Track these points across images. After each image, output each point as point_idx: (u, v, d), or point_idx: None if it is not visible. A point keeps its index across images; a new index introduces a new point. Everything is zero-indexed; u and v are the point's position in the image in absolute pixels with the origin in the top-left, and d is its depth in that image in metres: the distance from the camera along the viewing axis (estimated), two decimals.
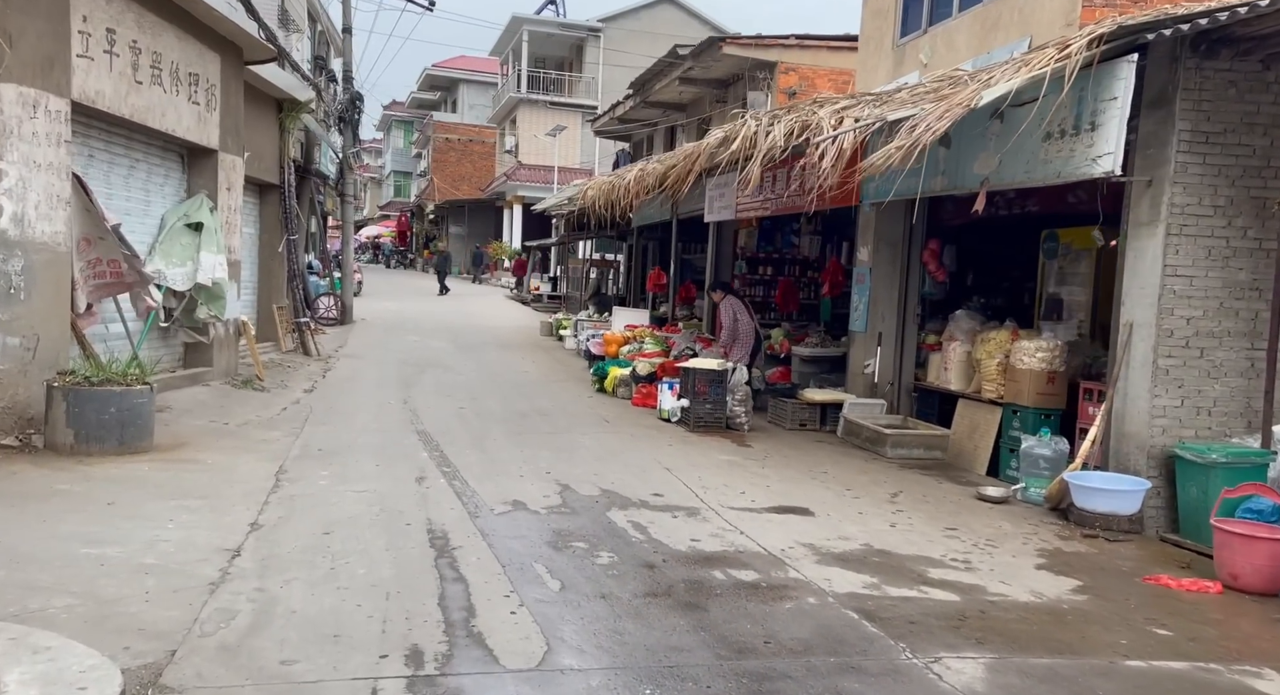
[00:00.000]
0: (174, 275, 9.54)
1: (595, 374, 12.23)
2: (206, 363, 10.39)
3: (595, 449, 8.35)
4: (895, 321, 9.85)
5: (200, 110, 9.79)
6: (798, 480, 7.39)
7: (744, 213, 12.91)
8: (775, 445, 8.90)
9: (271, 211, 14.32)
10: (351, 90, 20.57)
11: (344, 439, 8.25)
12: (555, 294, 31.83)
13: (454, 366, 14.24)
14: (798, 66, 21.38)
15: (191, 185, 10.29)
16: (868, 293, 9.84)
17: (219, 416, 8.82)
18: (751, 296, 14.72)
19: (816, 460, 8.25)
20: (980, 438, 8.36)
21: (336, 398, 10.67)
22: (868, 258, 9.89)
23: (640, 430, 9.44)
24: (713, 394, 9.47)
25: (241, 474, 6.66)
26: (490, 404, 10.80)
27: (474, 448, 8.18)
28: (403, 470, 7.12)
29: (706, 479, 7.28)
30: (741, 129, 7.85)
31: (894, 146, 6.75)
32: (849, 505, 6.63)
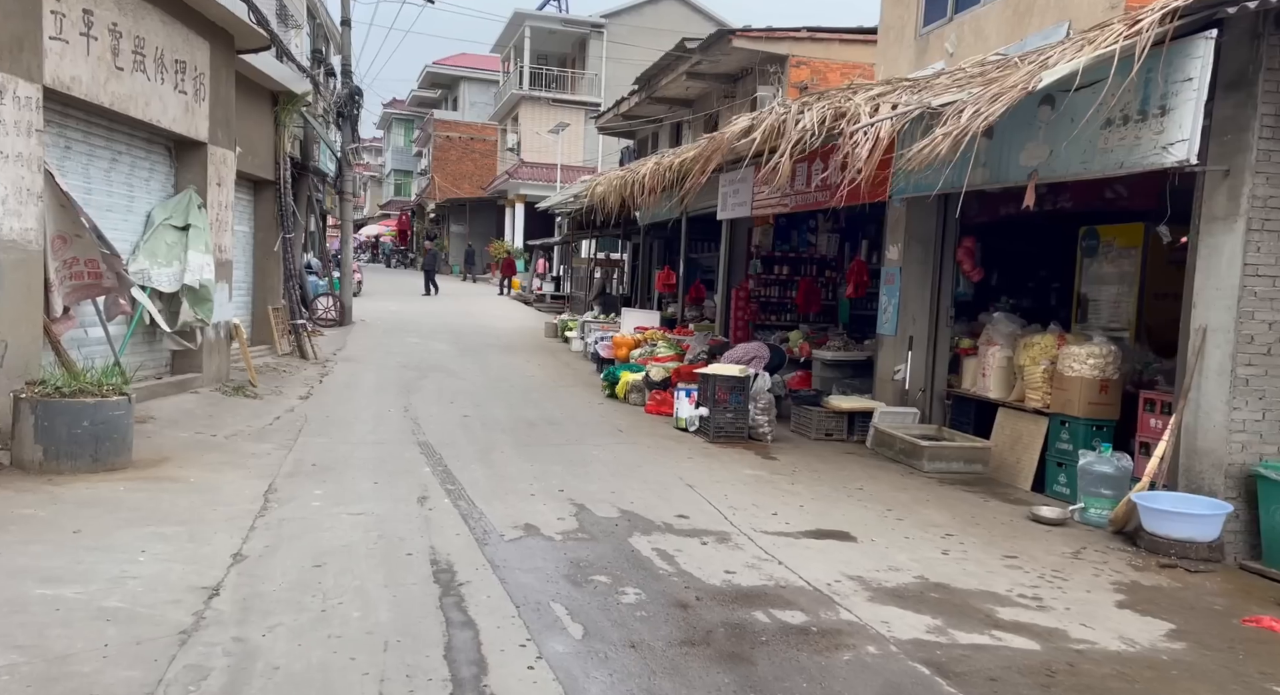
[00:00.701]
0: (159, 276, 8.96)
1: (606, 379, 11.64)
2: (195, 368, 9.81)
3: (610, 462, 7.76)
4: (927, 324, 9.26)
5: (188, 100, 9.20)
6: (832, 498, 6.80)
7: (761, 210, 12.33)
8: (802, 458, 8.31)
9: (267, 209, 13.75)
10: (350, 84, 19.97)
11: (340, 452, 7.66)
12: (558, 294, 31.25)
13: (457, 370, 13.65)
14: (809, 60, 20.84)
15: (179, 180, 9.71)
16: (898, 294, 9.25)
17: (206, 427, 8.23)
18: (767, 297, 14.16)
19: (849, 475, 7.66)
20: (1024, 450, 7.77)
21: (334, 405, 10.09)
22: (898, 256, 9.29)
23: (657, 441, 8.85)
24: (733, 402, 8.89)
25: (226, 494, 6.07)
26: (496, 411, 10.21)
27: (480, 461, 7.60)
28: (403, 488, 6.53)
29: (734, 497, 6.69)
30: (768, 117, 7.25)
31: (940, 134, 6.17)
32: (893, 528, 6.04)
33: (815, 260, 14.20)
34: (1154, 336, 8.67)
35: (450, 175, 49.98)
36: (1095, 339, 7.40)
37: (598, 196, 12.18)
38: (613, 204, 11.75)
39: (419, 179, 58.67)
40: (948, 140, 6.12)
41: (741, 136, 7.42)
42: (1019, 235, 11.50)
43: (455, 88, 55.78)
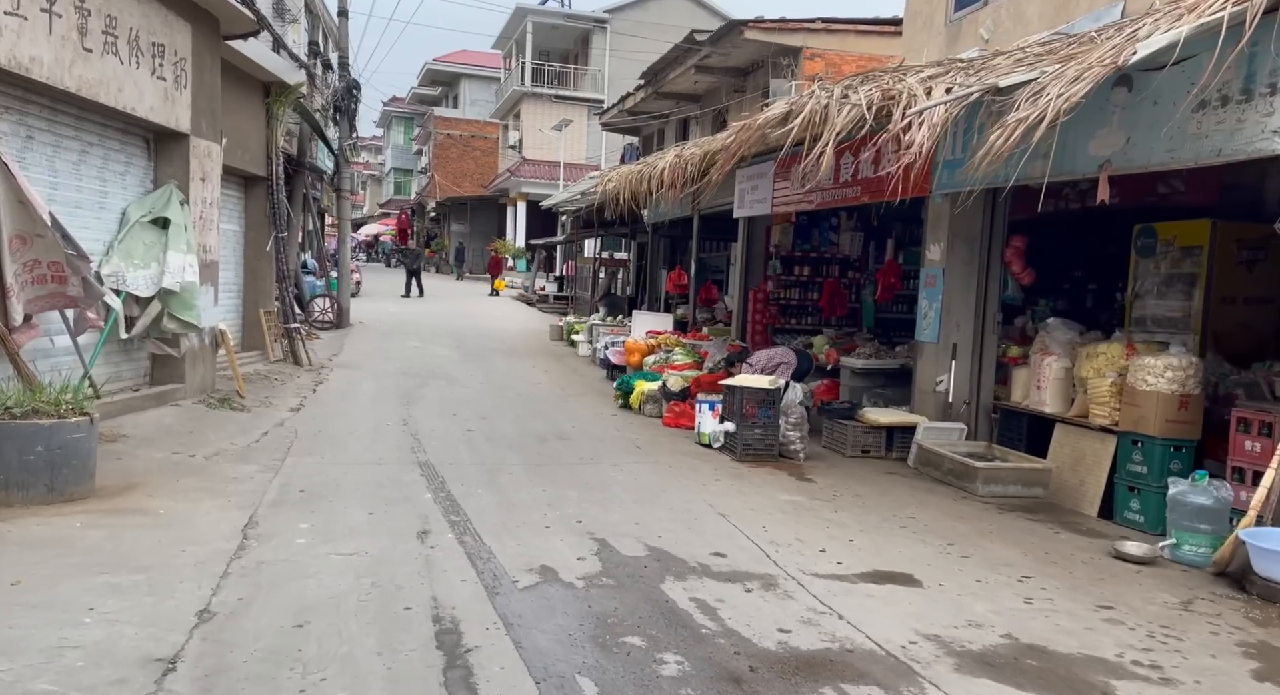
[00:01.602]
0: (135, 279, 8.20)
1: (619, 388, 10.89)
2: (177, 379, 9.06)
3: (631, 486, 7.01)
4: (972, 331, 8.50)
5: (167, 87, 8.44)
6: (884, 530, 6.04)
7: (782, 207, 11.60)
8: (841, 479, 7.56)
9: (258, 207, 13.00)
10: (348, 78, 19.22)
11: (332, 475, 6.91)
12: (562, 294, 30.51)
13: (459, 377, 12.90)
14: (824, 52, 20.11)
15: (159, 175, 8.95)
16: (940, 297, 8.50)
17: (185, 445, 7.48)
18: (787, 300, 13.42)
19: (896, 500, 6.91)
20: (1088, 472, 7.02)
21: (327, 418, 9.33)
22: (940, 257, 8.54)
23: (678, 459, 8.10)
24: (762, 416, 8.13)
25: (199, 530, 5.31)
26: (502, 424, 9.46)
27: (487, 485, 6.85)
28: (402, 521, 5.78)
29: (773, 530, 5.93)
30: (809, 101, 6.49)
31: (1013, 120, 5.41)
32: (960, 569, 5.29)
33: (838, 261, 13.45)
34: (1221, 345, 7.93)
35: (451, 174, 49.23)
36: (1173, 349, 6.65)
37: (610, 193, 11.41)
38: (626, 200, 10.99)
39: (419, 177, 57.95)
40: (1021, 127, 5.37)
41: (777, 125, 6.65)
42: (1053, 234, 10.77)
43: (456, 85, 55.05)
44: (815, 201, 10.52)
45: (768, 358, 9.41)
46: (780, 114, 6.65)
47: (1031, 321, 11.15)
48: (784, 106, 6.72)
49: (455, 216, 48.35)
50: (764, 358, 9.40)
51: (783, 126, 6.55)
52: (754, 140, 7.05)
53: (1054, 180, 6.90)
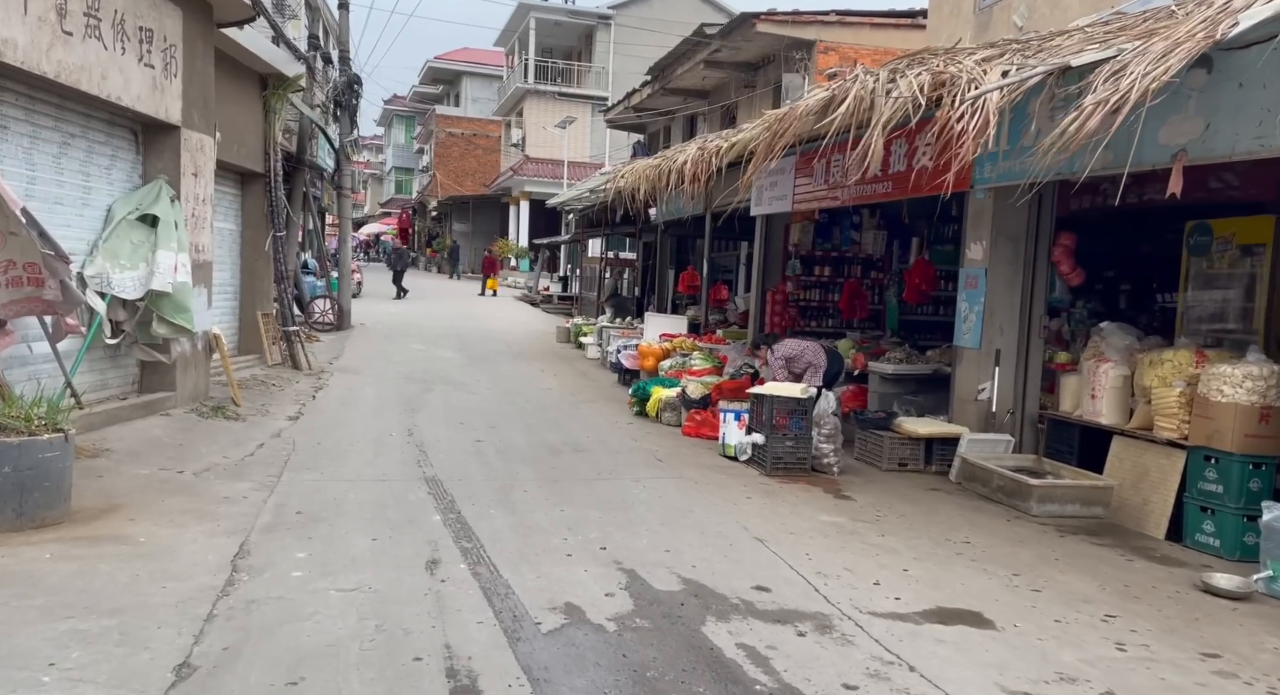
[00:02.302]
0: (122, 281, 7.65)
1: (635, 395, 10.33)
2: (168, 386, 8.51)
3: (656, 504, 6.46)
4: (1017, 335, 7.95)
5: (155, 75, 7.90)
6: (939, 558, 5.49)
7: (804, 204, 11.03)
8: (881, 497, 7.00)
9: (255, 204, 12.45)
10: (349, 72, 18.67)
11: (331, 493, 6.36)
12: (566, 294, 29.97)
13: (465, 383, 12.35)
14: (838, 45, 19.58)
15: (148, 169, 8.41)
16: (982, 299, 7.94)
17: (174, 461, 6.93)
18: (807, 301, 12.86)
19: (946, 522, 6.35)
20: (1152, 490, 6.46)
21: (327, 428, 8.79)
22: (982, 256, 7.98)
23: (704, 474, 7.55)
24: (794, 428, 7.58)
25: (184, 562, 4.77)
26: (513, 434, 8.91)
27: (500, 504, 6.30)
28: (409, 547, 5.23)
29: (818, 557, 5.38)
30: (853, 87, 5.93)
31: (1089, 105, 4.86)
32: (1033, 605, 4.73)
33: (860, 260, 12.89)
34: None
35: (453, 172, 48.68)
36: (1251, 356, 6.09)
37: (625, 189, 10.85)
38: (642, 197, 10.43)
39: (420, 176, 57.43)
40: (1099, 111, 4.82)
41: (819, 112, 6.09)
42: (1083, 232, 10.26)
43: (457, 83, 54.51)
44: (841, 198, 9.96)
45: (797, 350, 8.65)
46: (821, 101, 6.09)
47: (1068, 324, 10.60)
48: (825, 92, 6.16)
49: (457, 215, 47.82)
50: (792, 349, 8.66)
51: (824, 115, 5.98)
52: (794, 130, 6.47)
53: (1110, 171, 6.33)
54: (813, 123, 6.30)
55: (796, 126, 6.44)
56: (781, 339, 8.92)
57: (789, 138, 6.63)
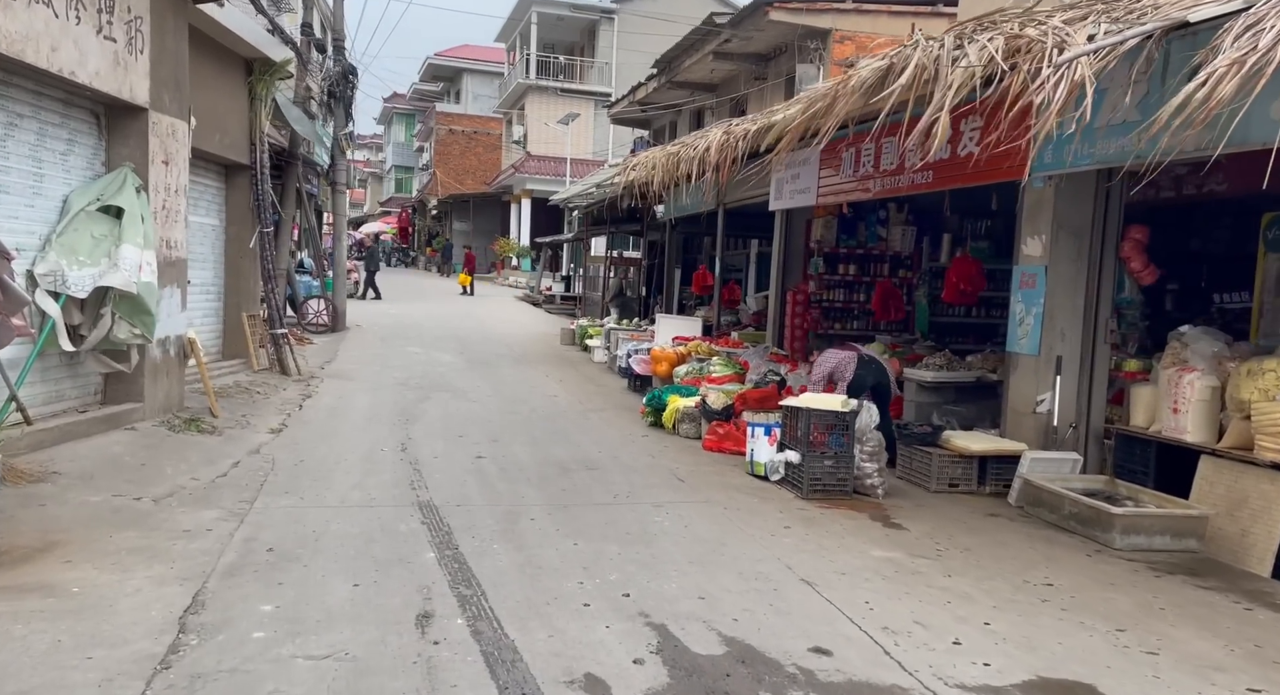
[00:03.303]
0: (80, 279, 6.82)
1: (650, 404, 9.49)
2: (134, 396, 7.69)
3: (682, 537, 5.62)
4: (1080, 340, 7.12)
5: (117, 50, 7.07)
6: (1023, 606, 4.65)
7: (829, 198, 10.19)
8: (937, 524, 6.16)
9: (240, 198, 11.64)
10: (343, 62, 17.84)
11: (311, 524, 5.53)
12: (569, 294, 29.17)
13: (465, 389, 11.53)
14: (855, 34, 18.77)
15: (111, 156, 7.58)
16: (1041, 300, 7.11)
17: (133, 484, 6.10)
18: (830, 301, 12.03)
19: (1017, 556, 5.51)
20: (1253, 519, 5.62)
21: (312, 443, 7.96)
22: (1042, 252, 7.14)
23: (732, 497, 6.71)
24: (833, 445, 6.74)
25: (120, 621, 3.93)
26: (517, 449, 8.08)
27: (504, 537, 5.47)
28: (397, 596, 4.40)
29: (880, 606, 4.55)
30: (914, 55, 5.10)
31: (1222, 64, 4.03)
32: (1155, 675, 3.90)
33: (887, 258, 12.05)
34: None
35: (453, 170, 47.86)
36: None
37: (641, 179, 10.01)
38: (657, 188, 9.60)
39: (420, 175, 56.65)
40: (1232, 76, 3.99)
41: (873, 87, 5.25)
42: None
43: (458, 80, 53.72)
44: (872, 190, 9.13)
45: (834, 363, 7.73)
46: (878, 72, 5.25)
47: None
48: (880, 62, 5.31)
49: (458, 214, 47.01)
50: (831, 364, 7.74)
51: (880, 89, 5.14)
52: (843, 108, 5.62)
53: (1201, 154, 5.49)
54: (864, 100, 5.45)
55: (847, 104, 5.60)
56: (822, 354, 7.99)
57: (836, 118, 5.79)
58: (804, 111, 6.10)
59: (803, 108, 6.20)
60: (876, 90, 5.30)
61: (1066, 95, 4.89)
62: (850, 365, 7.70)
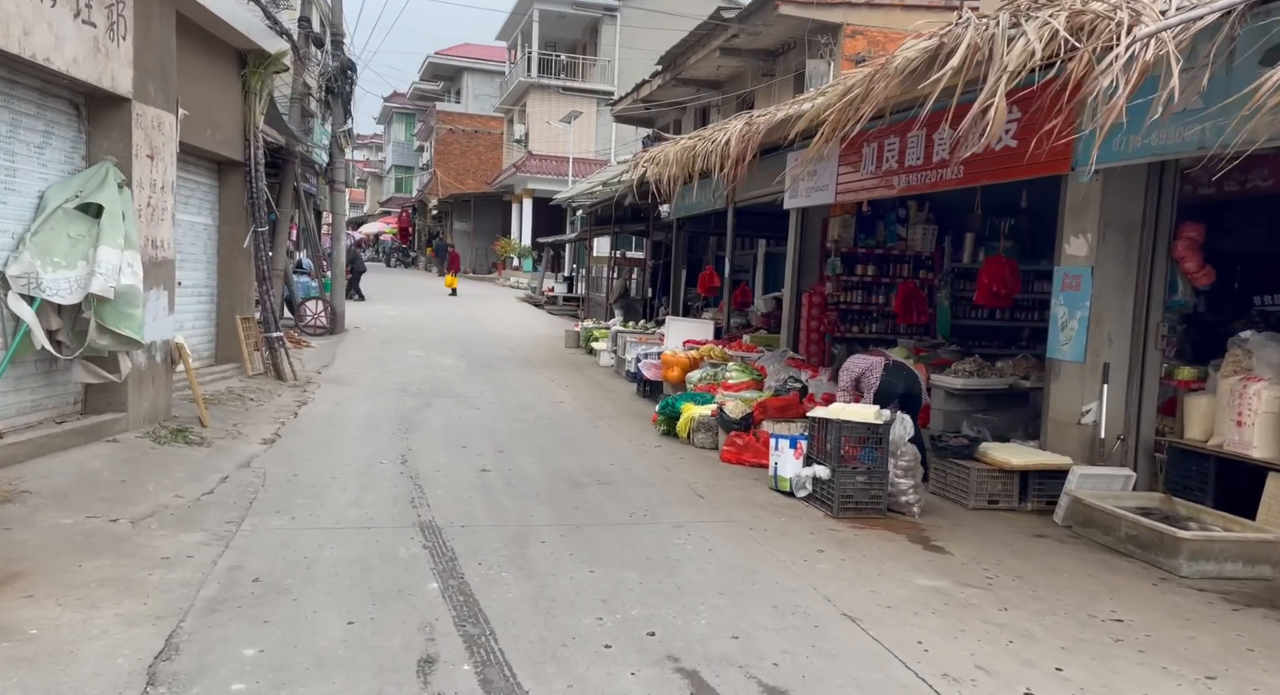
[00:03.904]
0: (55, 282, 6.36)
1: (662, 413, 9.02)
2: (117, 406, 7.22)
3: (708, 563, 5.15)
4: (1129, 346, 6.64)
5: (97, 35, 6.60)
6: (1094, 647, 4.18)
7: (849, 195, 9.76)
8: (982, 547, 5.69)
9: (234, 196, 11.17)
10: (341, 57, 17.37)
11: (302, 548, 5.06)
12: (571, 295, 28.70)
13: (468, 395, 11.06)
14: (867, 29, 18.36)
15: (92, 149, 7.12)
16: (1086, 304, 6.63)
17: (110, 503, 5.63)
18: (848, 303, 11.56)
19: (1075, 585, 5.04)
20: None
21: (307, 455, 7.49)
22: (1087, 252, 6.67)
23: (757, 516, 6.24)
24: (866, 459, 6.27)
25: (80, 670, 3.46)
26: (524, 461, 7.61)
27: (514, 562, 5.00)
28: (396, 636, 3.93)
29: (935, 646, 4.08)
30: (966, 33, 4.63)
31: None
32: None
33: (907, 258, 11.58)
34: None
35: (453, 170, 47.41)
36: None
37: (651, 176, 9.54)
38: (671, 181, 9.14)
39: (421, 174, 56.21)
40: None
41: (922, 66, 4.78)
42: None
43: (458, 79, 53.28)
44: (897, 186, 8.67)
45: (863, 367, 7.28)
46: (926, 52, 4.77)
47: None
48: (931, 42, 4.83)
49: (458, 214, 46.56)
50: (859, 367, 7.28)
51: (934, 76, 4.67)
52: (883, 93, 5.15)
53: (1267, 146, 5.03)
54: (908, 84, 4.98)
55: (889, 88, 5.12)
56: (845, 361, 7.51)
57: (874, 104, 5.31)
58: (841, 96, 5.61)
59: (840, 92, 5.71)
60: (922, 75, 4.82)
61: (1137, 77, 4.44)
62: (877, 371, 7.24)
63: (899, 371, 7.27)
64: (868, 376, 7.07)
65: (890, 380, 7.16)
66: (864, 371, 7.06)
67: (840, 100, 5.61)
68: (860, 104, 5.34)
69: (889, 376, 7.20)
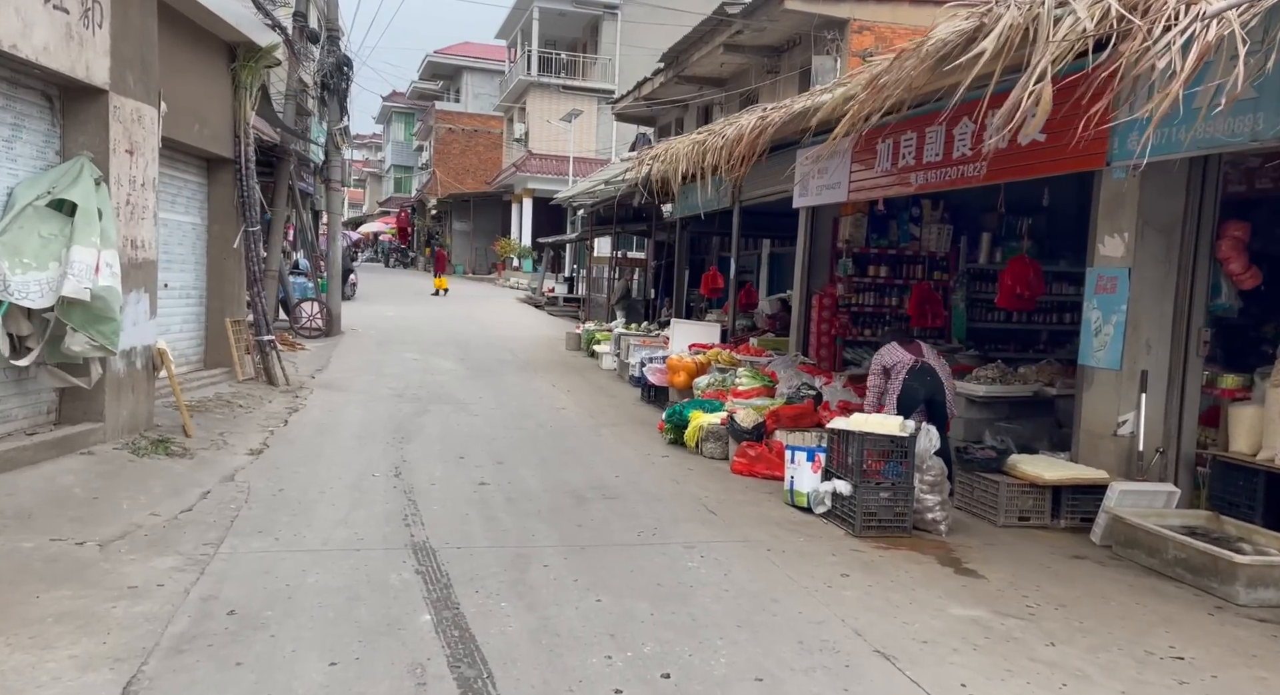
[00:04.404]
0: (24, 284, 5.96)
1: (669, 421, 8.61)
2: (94, 416, 6.82)
3: (724, 589, 4.75)
4: (1169, 353, 6.24)
5: (70, 22, 6.19)
6: (1156, 690, 3.77)
7: (862, 193, 9.34)
8: (1018, 571, 5.28)
9: (224, 195, 10.77)
10: (338, 52, 16.97)
11: (285, 574, 4.66)
12: (572, 296, 28.30)
13: (466, 400, 10.66)
14: (874, 24, 17.98)
15: (67, 144, 6.71)
16: (1123, 307, 6.23)
17: (79, 524, 5.22)
18: (860, 305, 11.16)
19: (1124, 615, 4.64)
20: None
21: (295, 466, 7.08)
22: (1124, 252, 6.26)
23: (774, 535, 5.83)
24: (891, 474, 5.87)
25: None
26: (525, 473, 7.21)
27: (514, 590, 4.60)
28: (382, 682, 3.53)
29: (981, 691, 3.68)
30: (1007, 13, 4.23)
31: None
32: None
33: (920, 259, 11.18)
34: None
35: (453, 170, 47.01)
36: None
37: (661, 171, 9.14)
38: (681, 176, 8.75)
39: (420, 174, 55.82)
40: None
41: (958, 48, 4.38)
42: None
43: (458, 78, 52.89)
44: (915, 184, 8.26)
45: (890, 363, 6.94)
46: (961, 34, 4.37)
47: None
48: (966, 23, 4.43)
49: (458, 214, 46.18)
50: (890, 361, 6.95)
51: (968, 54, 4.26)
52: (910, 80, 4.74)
53: None
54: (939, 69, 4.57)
55: (920, 72, 4.71)
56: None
57: (904, 89, 4.90)
58: (867, 84, 5.20)
59: (866, 79, 5.30)
60: (956, 58, 4.42)
61: (1196, 60, 4.03)
62: (901, 373, 6.83)
63: (922, 377, 6.87)
64: (894, 374, 6.71)
65: (912, 385, 6.80)
66: (892, 367, 6.71)
67: (865, 88, 5.21)
68: (887, 90, 4.94)
69: (911, 380, 6.83)
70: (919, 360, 6.72)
